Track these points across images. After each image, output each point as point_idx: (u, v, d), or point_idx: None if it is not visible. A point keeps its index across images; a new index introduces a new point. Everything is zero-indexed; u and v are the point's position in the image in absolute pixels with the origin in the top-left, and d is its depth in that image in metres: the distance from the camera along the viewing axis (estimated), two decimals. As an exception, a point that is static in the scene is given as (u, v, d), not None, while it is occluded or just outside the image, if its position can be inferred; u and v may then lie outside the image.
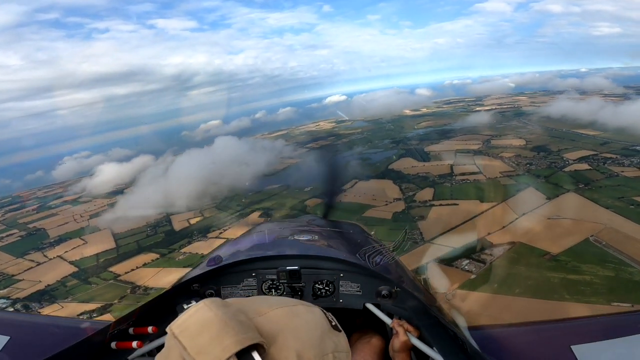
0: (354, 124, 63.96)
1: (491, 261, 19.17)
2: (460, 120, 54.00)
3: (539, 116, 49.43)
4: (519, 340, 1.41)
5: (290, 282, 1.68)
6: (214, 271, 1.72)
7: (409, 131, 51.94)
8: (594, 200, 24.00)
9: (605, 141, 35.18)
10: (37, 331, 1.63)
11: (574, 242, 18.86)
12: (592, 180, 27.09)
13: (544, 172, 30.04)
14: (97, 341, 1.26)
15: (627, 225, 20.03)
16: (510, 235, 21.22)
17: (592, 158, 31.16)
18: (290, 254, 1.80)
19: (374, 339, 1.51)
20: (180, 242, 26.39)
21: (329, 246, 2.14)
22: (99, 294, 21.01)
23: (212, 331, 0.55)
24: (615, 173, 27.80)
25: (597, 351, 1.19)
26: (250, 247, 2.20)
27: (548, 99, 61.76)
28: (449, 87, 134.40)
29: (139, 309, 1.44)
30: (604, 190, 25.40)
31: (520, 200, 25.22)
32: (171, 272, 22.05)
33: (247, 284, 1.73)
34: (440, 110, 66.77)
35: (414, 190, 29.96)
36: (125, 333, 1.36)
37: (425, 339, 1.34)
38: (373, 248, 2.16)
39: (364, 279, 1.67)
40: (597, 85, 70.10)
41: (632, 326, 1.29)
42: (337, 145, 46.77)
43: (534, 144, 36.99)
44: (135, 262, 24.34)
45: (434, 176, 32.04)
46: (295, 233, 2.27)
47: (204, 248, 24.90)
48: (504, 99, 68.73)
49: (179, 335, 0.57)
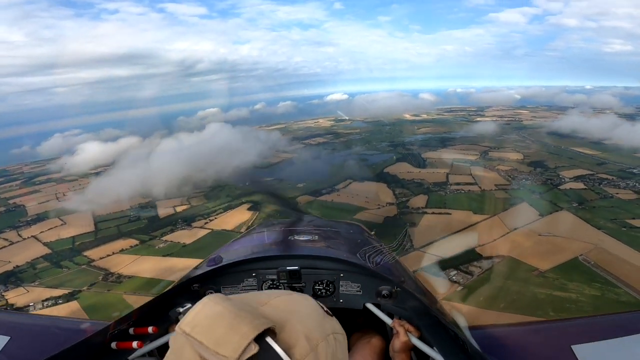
0: (353, 123, 63.66)
1: (479, 274, 19.03)
2: (460, 129, 53.94)
3: (538, 131, 49.47)
4: (519, 340, 1.41)
5: (291, 282, 1.68)
6: (214, 271, 1.71)
7: (408, 136, 51.69)
8: (587, 220, 24.04)
9: (602, 161, 35.30)
10: (37, 331, 1.61)
11: (563, 260, 18.96)
12: (587, 199, 27.17)
13: (540, 188, 29.99)
14: (97, 341, 1.25)
15: (618, 246, 20.10)
16: (500, 248, 21.17)
17: (588, 177, 31.18)
18: (290, 254, 1.80)
19: (374, 339, 1.50)
20: (162, 230, 25.50)
21: (329, 246, 2.13)
22: (68, 279, 20.05)
23: (225, 322, 0.57)
24: (610, 194, 27.91)
25: (597, 351, 1.18)
26: (250, 247, 2.22)
27: (550, 114, 62.02)
28: (453, 94, 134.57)
29: (139, 309, 1.42)
30: (597, 210, 25.48)
31: (513, 215, 25.19)
32: (148, 261, 21.23)
33: (247, 284, 1.73)
34: (441, 117, 66.58)
35: (407, 195, 29.72)
36: (125, 333, 1.34)
37: (426, 339, 1.33)
38: (373, 248, 2.14)
39: (364, 279, 1.67)
40: (606, 103, 70.39)
41: (632, 326, 1.30)
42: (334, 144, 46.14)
43: (531, 158, 36.96)
44: (112, 247, 23.37)
45: (429, 183, 31.87)
46: (295, 233, 2.27)
47: (186, 237, 24.12)
48: (506, 111, 68.77)
49: (191, 332, 0.57)
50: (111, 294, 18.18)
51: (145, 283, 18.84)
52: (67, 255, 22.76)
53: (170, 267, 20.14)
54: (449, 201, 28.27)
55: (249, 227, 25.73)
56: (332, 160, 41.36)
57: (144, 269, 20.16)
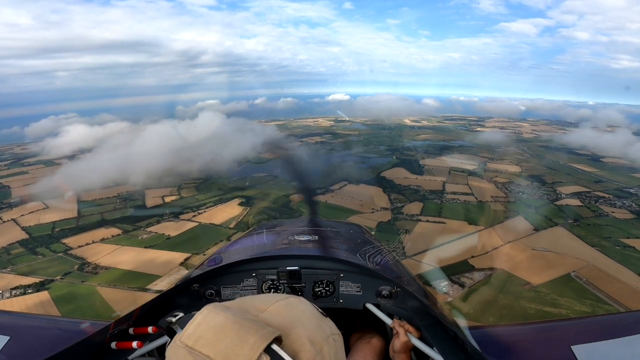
0: (352, 125, 63.26)
1: (470, 285, 18.73)
2: (460, 138, 53.85)
3: (538, 145, 49.49)
4: (519, 340, 1.41)
5: (290, 282, 1.66)
6: (214, 271, 1.70)
7: (407, 141, 51.33)
8: (581, 237, 23.99)
9: (599, 179, 35.30)
10: (37, 331, 1.59)
11: (555, 276, 19.07)
12: (582, 217, 27.12)
13: (536, 202, 29.85)
14: (97, 341, 1.25)
15: (610, 264, 20.08)
16: (493, 261, 21.03)
17: (584, 195, 31.14)
18: (290, 254, 1.79)
19: (374, 339, 1.49)
20: (148, 220, 24.62)
21: (329, 246, 2.11)
22: (42, 267, 19.12)
23: (231, 334, 0.55)
24: (606, 213, 27.92)
25: (597, 351, 1.19)
26: (250, 247, 2.24)
27: (550, 128, 62.17)
28: (456, 102, 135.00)
29: (139, 309, 1.41)
30: (592, 228, 25.45)
31: (508, 228, 24.97)
32: (128, 252, 20.37)
33: (247, 284, 1.71)
34: (441, 125, 66.44)
35: (403, 201, 29.37)
36: (125, 333, 1.33)
37: (426, 339, 1.33)
38: (373, 248, 2.15)
39: (364, 279, 1.66)
40: (612, 120, 70.55)
41: (632, 326, 1.31)
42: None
43: (529, 172, 36.89)
44: (93, 235, 22.43)
45: (425, 191, 31.58)
46: (295, 233, 2.26)
47: (172, 229, 23.31)
48: (507, 123, 68.87)
49: (194, 345, 0.55)
50: (84, 286, 17.32)
51: (122, 275, 18.04)
52: (44, 242, 21.81)
53: (151, 259, 19.33)
54: (444, 210, 27.99)
55: (238, 222, 25.07)
56: (329, 161, 40.90)
57: (123, 260, 19.30)
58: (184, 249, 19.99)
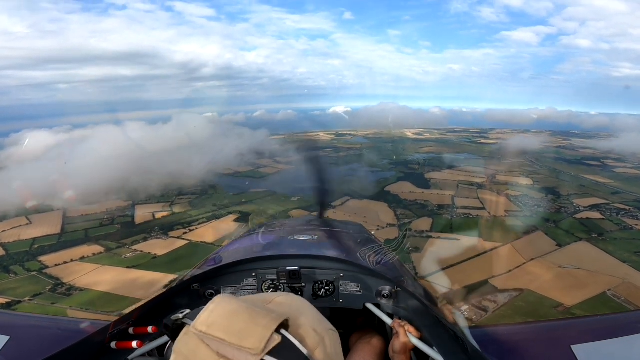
0: (354, 138, 62.48)
1: (494, 309, 16.66)
2: (465, 150, 52.78)
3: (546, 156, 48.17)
4: (519, 340, 1.40)
5: (290, 282, 1.65)
6: (213, 271, 1.70)
7: (411, 154, 50.17)
8: (609, 252, 22.43)
9: (616, 191, 33.63)
10: (37, 331, 1.57)
11: (590, 295, 17.72)
12: (606, 230, 25.56)
13: (553, 216, 28.13)
14: (97, 341, 1.25)
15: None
16: (516, 281, 19.42)
17: (604, 207, 29.50)
18: (290, 254, 1.78)
19: (374, 339, 1.49)
20: (135, 237, 22.79)
21: (329, 246, 2.11)
22: (12, 287, 17.37)
23: (244, 317, 0.59)
24: (630, 226, 26.39)
25: (597, 351, 1.19)
26: (250, 247, 2.22)
27: (556, 139, 61.16)
28: (459, 113, 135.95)
29: (139, 308, 1.42)
30: (619, 242, 23.93)
31: (529, 244, 23.29)
32: (108, 272, 18.40)
33: (247, 284, 1.70)
34: (444, 137, 65.72)
35: (410, 217, 27.94)
36: (125, 333, 1.34)
37: (426, 340, 1.33)
38: (373, 248, 2.13)
39: (365, 279, 1.65)
40: (625, 128, 69.20)
41: (632, 326, 1.31)
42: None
43: (542, 184, 35.37)
44: (73, 253, 20.68)
45: (434, 205, 30.04)
46: (295, 233, 2.22)
47: (159, 248, 21.42)
48: (510, 134, 67.99)
49: (208, 330, 0.58)
50: (54, 308, 15.56)
51: (97, 297, 16.14)
52: (19, 259, 20.11)
53: (133, 280, 17.35)
54: (456, 225, 26.46)
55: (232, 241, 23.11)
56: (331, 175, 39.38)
57: (101, 281, 17.31)
58: (170, 270, 17.97)
